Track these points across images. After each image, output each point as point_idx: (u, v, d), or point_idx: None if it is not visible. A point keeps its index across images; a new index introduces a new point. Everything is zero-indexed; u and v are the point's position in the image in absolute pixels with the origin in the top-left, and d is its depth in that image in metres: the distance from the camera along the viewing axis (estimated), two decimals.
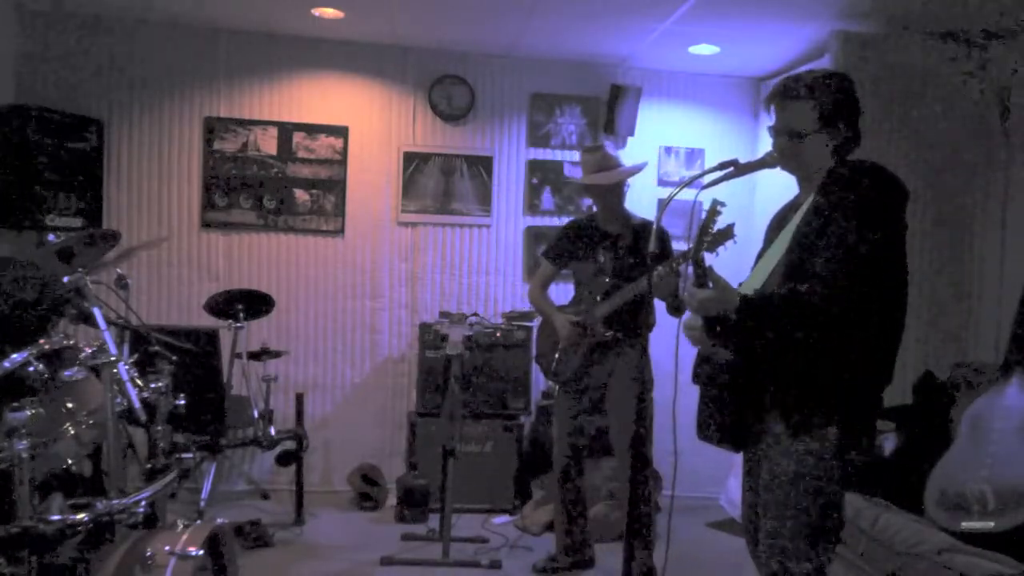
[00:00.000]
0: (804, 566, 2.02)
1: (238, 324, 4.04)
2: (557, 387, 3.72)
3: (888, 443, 3.54)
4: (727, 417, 2.14)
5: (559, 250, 3.70)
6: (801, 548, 2.02)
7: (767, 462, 2.09)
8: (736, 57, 4.62)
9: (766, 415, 2.09)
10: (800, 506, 2.01)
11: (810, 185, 2.13)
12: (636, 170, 3.60)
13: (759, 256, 2.29)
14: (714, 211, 2.17)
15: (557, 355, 3.62)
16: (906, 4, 3.62)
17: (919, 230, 4.03)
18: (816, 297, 1.92)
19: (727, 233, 3.00)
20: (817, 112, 2.07)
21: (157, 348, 2.62)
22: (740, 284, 2.29)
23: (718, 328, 2.07)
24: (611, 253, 3.53)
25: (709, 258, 2.18)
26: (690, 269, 2.07)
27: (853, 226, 1.92)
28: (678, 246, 3.64)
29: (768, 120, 2.19)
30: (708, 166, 2.30)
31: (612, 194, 3.53)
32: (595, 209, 3.70)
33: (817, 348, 1.96)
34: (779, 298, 1.98)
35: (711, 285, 2.02)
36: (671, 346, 2.25)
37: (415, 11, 4.19)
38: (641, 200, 4.86)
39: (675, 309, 3.38)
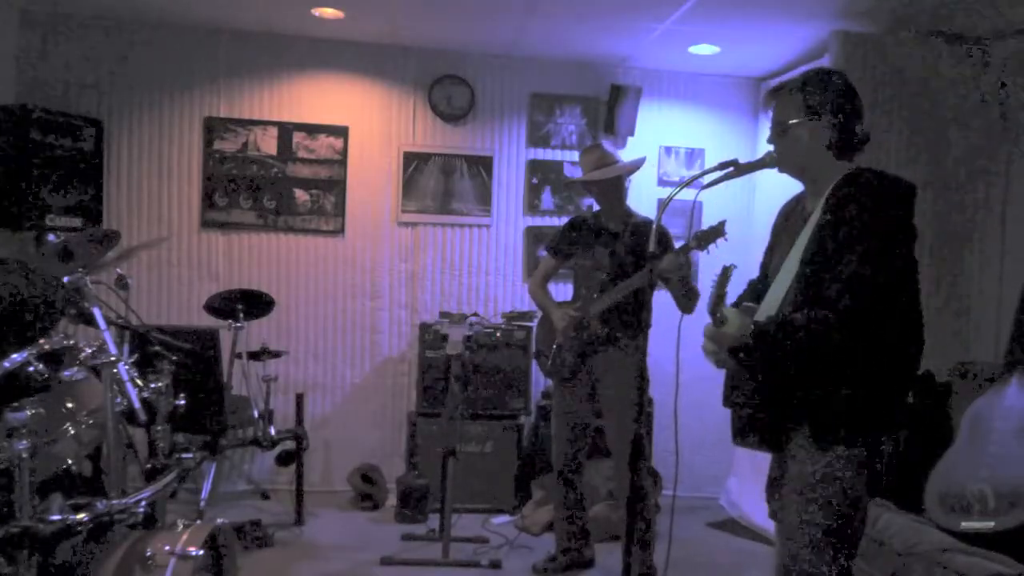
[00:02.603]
0: (830, 571, 2.01)
1: (238, 324, 4.04)
2: (554, 385, 3.72)
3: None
4: (762, 423, 2.12)
5: (561, 244, 3.70)
6: (824, 555, 2.01)
7: (794, 470, 2.07)
8: (736, 57, 4.62)
9: (794, 425, 2.08)
10: (826, 514, 2.00)
11: (815, 189, 2.11)
12: (634, 165, 3.61)
13: (767, 252, 2.29)
14: (726, 276, 2.13)
15: (554, 350, 3.62)
16: (906, 4, 3.62)
17: (919, 230, 4.02)
18: (829, 322, 1.91)
19: (718, 231, 3.01)
20: (802, 103, 2.06)
21: (157, 348, 2.62)
22: (749, 282, 2.28)
23: (740, 355, 2.06)
24: (610, 250, 3.53)
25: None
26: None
27: (864, 246, 1.90)
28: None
29: (767, 123, 2.19)
30: (708, 166, 2.30)
31: (612, 191, 3.54)
32: (596, 207, 3.71)
33: (838, 368, 1.95)
34: (791, 325, 1.96)
35: (727, 319, 2.01)
36: (671, 346, 2.25)
37: (415, 11, 4.19)
38: (641, 200, 4.86)
39: (686, 299, 3.36)
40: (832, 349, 1.92)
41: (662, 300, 3.42)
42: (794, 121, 2.07)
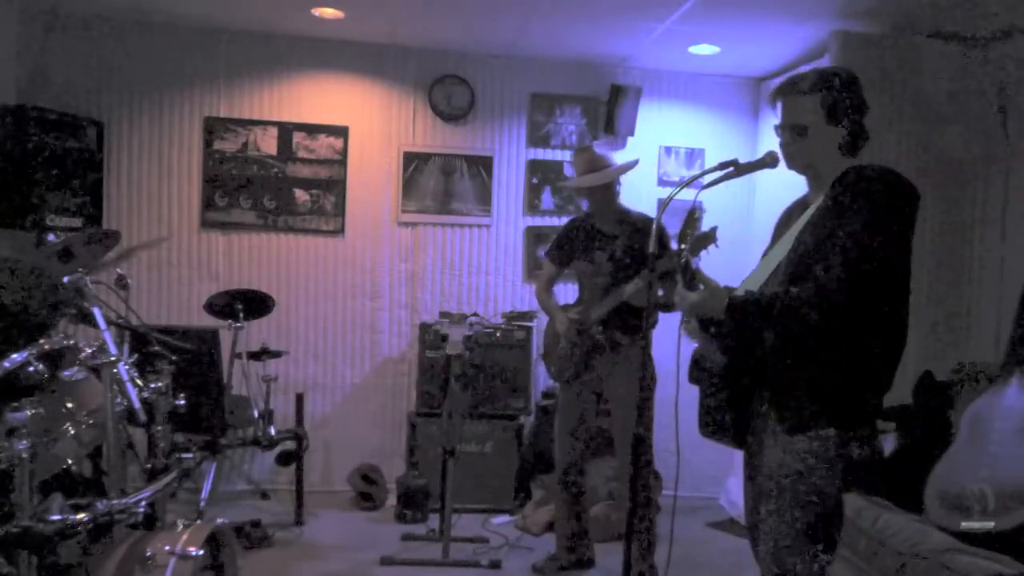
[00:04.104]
0: (804, 566, 2.01)
1: (238, 324, 4.04)
2: (559, 385, 3.72)
3: (888, 443, 3.54)
4: (727, 414, 2.14)
5: (559, 250, 3.71)
6: (800, 548, 2.02)
7: (765, 461, 2.09)
8: (736, 57, 4.62)
9: (763, 413, 2.09)
10: (797, 506, 2.01)
11: (819, 185, 2.12)
12: (625, 168, 3.59)
13: (766, 253, 2.29)
14: (693, 216, 2.14)
15: (558, 353, 3.63)
16: (906, 4, 3.62)
17: (919, 230, 4.01)
18: (807, 301, 1.91)
19: (709, 237, 3.02)
20: (822, 106, 2.05)
21: (157, 348, 2.62)
22: (744, 280, 2.29)
23: (712, 328, 2.07)
24: (607, 253, 3.53)
25: (703, 258, 2.18)
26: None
27: (856, 232, 1.90)
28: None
29: (773, 119, 2.19)
30: (708, 166, 2.30)
31: (604, 194, 3.54)
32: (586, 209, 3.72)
33: (810, 350, 1.95)
34: (768, 300, 1.98)
35: (701, 287, 2.02)
36: (671, 345, 2.25)
37: (415, 11, 4.19)
38: (641, 200, 4.85)
39: (663, 306, 3.38)
40: (806, 328, 1.92)
41: None
42: (814, 124, 2.06)
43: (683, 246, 2.08)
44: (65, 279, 2.46)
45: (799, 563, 2.02)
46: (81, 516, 1.95)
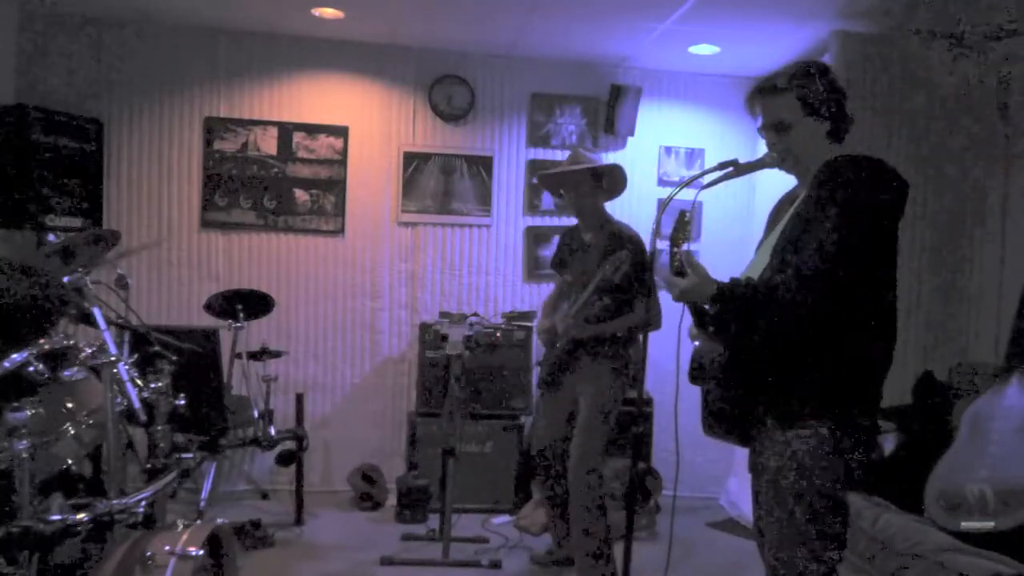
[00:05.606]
0: (809, 565, 2.01)
1: (238, 324, 4.04)
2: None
3: (888, 443, 3.54)
4: (730, 412, 2.14)
5: (557, 259, 3.80)
6: (804, 547, 2.01)
7: (767, 458, 2.08)
8: (736, 57, 4.62)
9: (761, 410, 2.09)
10: (800, 504, 2.00)
11: (806, 177, 2.13)
12: (607, 167, 3.56)
13: (758, 247, 2.29)
14: (683, 220, 2.16)
15: (540, 360, 3.72)
16: (906, 4, 3.62)
17: (918, 229, 4.03)
18: (789, 288, 1.92)
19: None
20: (798, 101, 2.07)
21: (157, 348, 2.62)
22: (741, 274, 2.29)
23: (707, 320, 2.08)
24: (582, 263, 3.53)
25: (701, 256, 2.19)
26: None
27: (833, 219, 1.91)
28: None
29: (757, 123, 2.20)
30: (708, 166, 2.30)
31: (578, 193, 3.53)
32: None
33: (794, 340, 1.95)
34: (753, 288, 1.98)
35: (689, 273, 2.02)
36: (671, 346, 2.25)
37: (415, 11, 4.19)
38: (641, 200, 4.87)
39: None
40: (787, 317, 1.93)
41: (663, 300, 3.42)
42: (794, 119, 2.07)
43: (675, 249, 2.08)
44: (65, 279, 2.46)
45: (804, 562, 2.01)
46: (81, 516, 1.95)
